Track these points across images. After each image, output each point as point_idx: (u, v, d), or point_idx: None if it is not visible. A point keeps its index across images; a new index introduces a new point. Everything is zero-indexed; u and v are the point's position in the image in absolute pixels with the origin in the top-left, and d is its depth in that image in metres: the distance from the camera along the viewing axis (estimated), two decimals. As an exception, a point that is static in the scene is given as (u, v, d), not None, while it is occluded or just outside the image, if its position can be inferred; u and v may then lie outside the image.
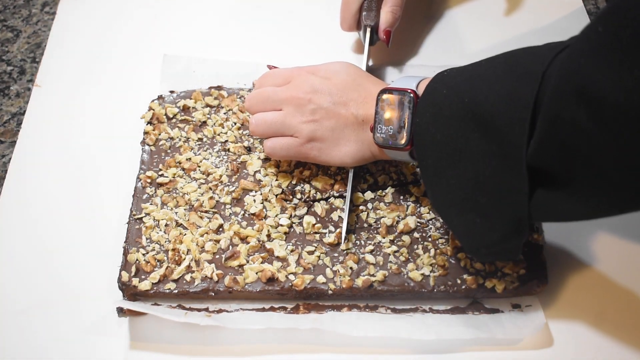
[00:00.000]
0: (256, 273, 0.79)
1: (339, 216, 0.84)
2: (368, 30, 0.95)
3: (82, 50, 1.04)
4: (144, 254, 0.81)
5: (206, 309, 0.79)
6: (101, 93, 0.99)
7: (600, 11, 0.63)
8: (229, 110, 0.93)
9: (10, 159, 0.93)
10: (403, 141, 0.75)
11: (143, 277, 0.79)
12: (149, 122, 0.92)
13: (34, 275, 0.83)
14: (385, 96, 0.76)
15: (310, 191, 0.85)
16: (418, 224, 0.83)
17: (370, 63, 1.02)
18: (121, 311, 0.78)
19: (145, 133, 0.91)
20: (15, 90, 1.01)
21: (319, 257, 0.80)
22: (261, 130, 0.83)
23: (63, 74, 1.01)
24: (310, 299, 0.80)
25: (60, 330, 0.79)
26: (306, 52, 1.03)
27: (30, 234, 0.87)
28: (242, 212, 0.84)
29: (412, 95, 0.74)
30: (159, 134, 0.91)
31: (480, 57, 0.72)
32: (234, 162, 0.88)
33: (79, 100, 0.98)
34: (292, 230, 0.83)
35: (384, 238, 0.82)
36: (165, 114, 0.93)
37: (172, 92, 0.96)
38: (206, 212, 0.84)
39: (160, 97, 0.95)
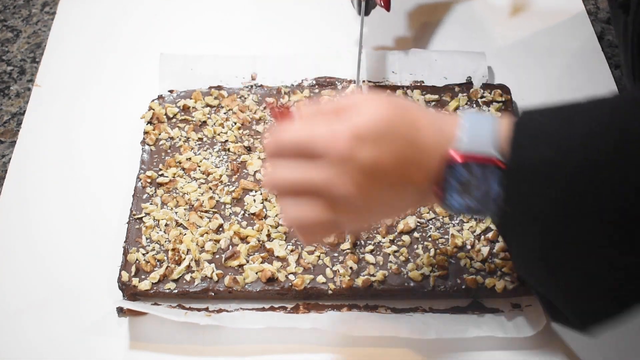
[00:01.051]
0: (256, 273, 0.79)
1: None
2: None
3: (82, 50, 1.04)
4: (144, 254, 0.81)
5: (206, 309, 0.79)
6: (101, 93, 1.00)
7: None
8: (229, 110, 0.93)
9: (10, 159, 0.93)
10: (491, 214, 0.60)
11: (143, 277, 0.79)
12: (149, 122, 0.92)
13: (33, 275, 0.83)
14: (459, 167, 0.58)
15: (310, 191, 0.85)
16: (418, 224, 0.82)
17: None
18: (121, 311, 0.78)
19: (145, 133, 0.91)
20: (15, 90, 1.01)
21: (318, 257, 0.80)
22: (295, 228, 0.63)
23: (63, 74, 1.01)
24: (310, 299, 0.80)
25: (60, 330, 0.79)
26: (302, 42, 1.04)
27: (30, 233, 0.87)
28: (242, 212, 0.84)
29: (498, 167, 0.57)
30: (159, 134, 0.91)
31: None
32: (234, 162, 0.88)
33: (79, 100, 0.99)
34: (292, 230, 0.83)
35: (383, 238, 0.82)
36: (166, 114, 0.93)
37: (171, 91, 0.96)
38: (206, 212, 0.84)
39: (160, 97, 0.95)
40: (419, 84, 0.96)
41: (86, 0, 1.10)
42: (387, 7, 0.94)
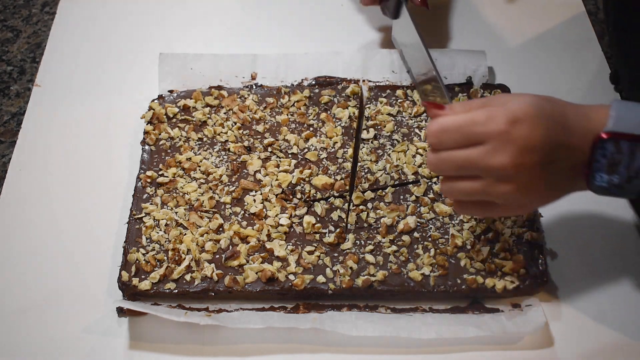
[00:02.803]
0: (256, 273, 0.79)
1: (339, 216, 0.83)
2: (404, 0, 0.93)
3: (82, 50, 1.04)
4: (144, 254, 0.81)
5: (206, 309, 0.79)
6: (101, 93, 1.00)
7: None
8: (229, 110, 0.93)
9: (10, 159, 0.93)
10: (635, 191, 0.66)
11: (143, 276, 0.79)
12: (149, 122, 0.92)
13: (34, 275, 0.83)
14: (610, 144, 0.64)
15: (310, 191, 0.85)
16: (418, 224, 0.82)
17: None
18: (121, 311, 0.78)
19: (146, 133, 0.91)
20: (15, 90, 1.01)
21: (318, 257, 0.80)
22: (454, 198, 0.72)
23: (63, 74, 1.01)
24: (310, 299, 0.80)
25: (61, 330, 0.79)
26: (302, 42, 1.04)
27: (30, 233, 0.87)
28: (242, 212, 0.84)
29: None
30: (159, 134, 0.91)
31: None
32: (234, 162, 0.88)
33: (79, 100, 0.99)
34: (292, 230, 0.83)
35: (384, 238, 0.82)
36: (166, 114, 0.93)
37: (171, 91, 0.96)
38: (206, 211, 0.84)
39: (160, 97, 0.95)
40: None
41: (86, 0, 1.10)
42: (426, 4, 0.93)
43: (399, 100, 0.94)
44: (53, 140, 0.95)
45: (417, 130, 0.91)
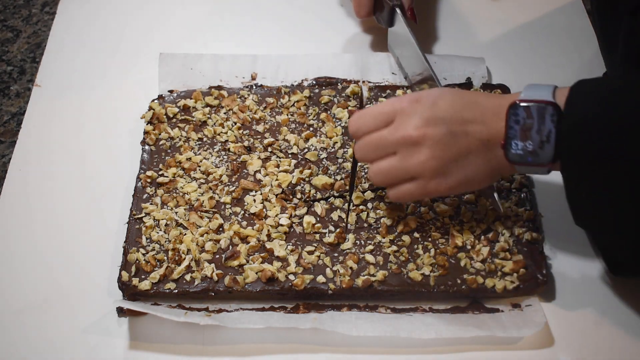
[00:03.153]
0: (256, 273, 0.79)
1: (339, 216, 0.83)
2: (398, 10, 0.94)
3: (82, 50, 1.04)
4: (144, 254, 0.81)
5: (206, 309, 0.79)
6: (101, 93, 1.00)
7: None
8: (229, 110, 0.93)
9: (10, 159, 0.93)
10: (548, 157, 0.71)
11: (143, 276, 0.79)
12: (149, 122, 0.92)
13: (33, 275, 0.83)
14: (520, 109, 0.71)
15: (310, 191, 0.85)
16: (418, 224, 0.82)
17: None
18: (121, 311, 0.78)
19: (146, 133, 0.91)
20: (15, 90, 1.01)
21: (318, 257, 0.80)
22: (380, 180, 0.77)
23: (63, 74, 1.01)
24: (310, 299, 0.79)
25: (60, 330, 0.79)
26: (302, 42, 1.04)
27: (30, 233, 0.87)
28: (242, 212, 0.84)
29: (553, 108, 0.69)
30: (159, 134, 0.91)
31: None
32: (234, 162, 0.88)
33: (79, 100, 0.99)
34: (292, 230, 0.83)
35: (384, 238, 0.82)
36: (166, 114, 0.93)
37: (171, 91, 0.96)
38: (206, 211, 0.84)
39: (160, 97, 0.95)
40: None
41: (86, 0, 1.10)
42: (415, 19, 0.96)
43: (399, 101, 0.94)
44: (53, 140, 0.95)
45: (417, 131, 0.91)
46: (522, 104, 0.71)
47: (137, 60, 1.03)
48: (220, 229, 0.83)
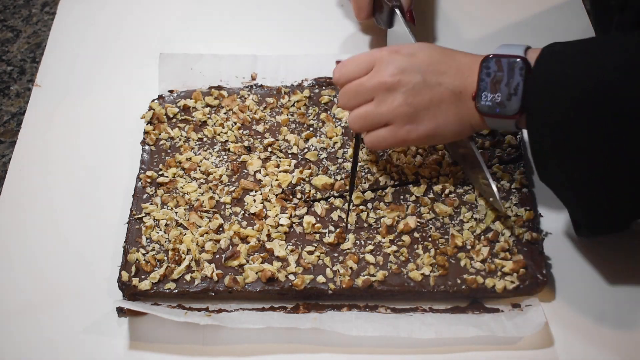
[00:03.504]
0: (256, 273, 0.79)
1: (339, 216, 0.83)
2: (397, 11, 0.94)
3: (82, 50, 1.04)
4: (144, 254, 0.81)
5: (206, 309, 0.79)
6: (101, 93, 1.00)
7: None
8: (229, 110, 0.93)
9: (10, 159, 0.93)
10: (514, 109, 0.73)
11: (143, 276, 0.79)
12: (149, 122, 0.92)
13: (33, 274, 0.83)
14: (492, 62, 0.74)
15: (310, 191, 0.85)
16: (418, 224, 0.82)
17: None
18: (121, 311, 0.78)
19: (146, 133, 0.91)
20: (15, 90, 1.02)
21: (318, 257, 0.80)
22: (359, 126, 0.80)
23: (63, 74, 1.01)
24: (310, 299, 0.79)
25: (60, 330, 0.79)
26: (302, 42, 1.04)
27: (30, 233, 0.87)
28: (242, 212, 0.84)
29: (523, 62, 0.73)
30: (159, 134, 0.91)
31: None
32: (234, 162, 0.88)
33: (79, 100, 0.99)
34: (292, 230, 0.83)
35: (384, 238, 0.82)
36: (166, 114, 0.93)
37: (171, 91, 0.96)
38: (206, 212, 0.84)
39: (160, 97, 0.95)
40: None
41: (86, 0, 1.10)
42: (413, 20, 0.96)
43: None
44: (53, 140, 0.95)
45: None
46: (494, 58, 0.74)
47: (137, 60, 1.03)
48: (220, 229, 0.83)
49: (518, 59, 0.73)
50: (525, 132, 0.87)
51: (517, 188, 0.84)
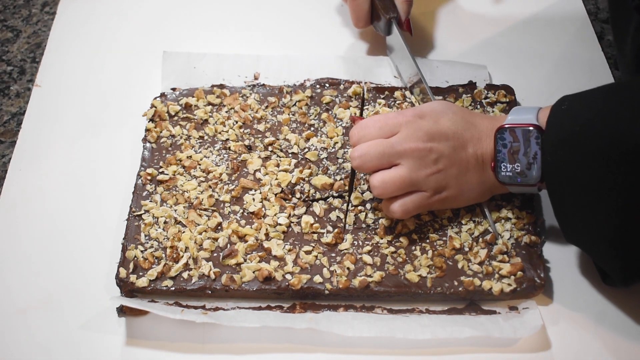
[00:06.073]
0: (253, 272, 0.79)
1: (337, 216, 0.83)
2: (393, 22, 0.95)
3: (82, 50, 1.04)
4: (142, 251, 0.81)
5: (203, 307, 0.79)
6: (101, 92, 1.00)
7: None
8: (231, 108, 0.93)
9: (10, 159, 0.93)
10: (535, 177, 0.75)
11: (141, 273, 0.80)
12: (151, 120, 0.92)
13: (33, 273, 0.84)
14: (506, 133, 0.75)
15: (309, 191, 0.85)
16: (416, 226, 0.82)
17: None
18: (121, 311, 0.78)
19: (147, 130, 0.91)
20: (15, 90, 1.02)
21: (316, 257, 0.80)
22: (388, 190, 0.77)
23: (63, 74, 1.01)
24: (307, 299, 0.79)
25: (58, 328, 0.79)
26: (305, 43, 1.04)
27: (30, 233, 0.87)
28: (241, 211, 0.84)
29: (537, 130, 0.74)
30: (161, 132, 0.91)
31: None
32: (235, 161, 0.88)
33: (79, 100, 0.99)
34: (290, 229, 0.83)
35: (382, 239, 0.81)
36: (167, 112, 0.93)
37: (174, 89, 0.96)
38: (205, 210, 0.84)
39: (162, 95, 0.95)
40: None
41: (86, 0, 1.10)
42: (410, 30, 0.96)
43: (397, 102, 0.94)
44: (53, 140, 0.95)
45: (418, 132, 0.91)
46: (507, 128, 0.75)
47: (138, 58, 1.03)
48: (219, 227, 0.83)
49: (531, 128, 0.74)
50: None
51: (521, 191, 0.84)
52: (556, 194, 0.73)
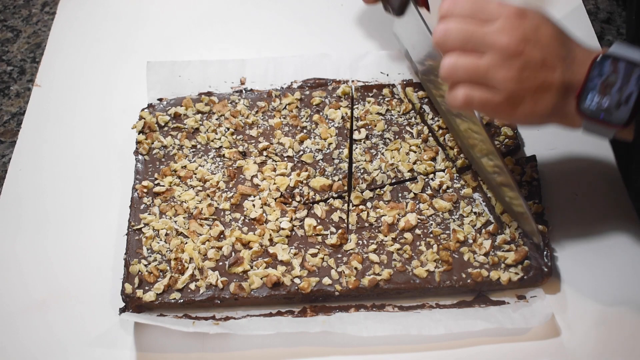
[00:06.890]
0: (261, 278, 0.79)
1: (340, 217, 0.83)
2: None
3: (82, 50, 1.04)
4: (146, 265, 0.80)
5: (213, 317, 0.79)
6: (101, 93, 0.99)
7: None
8: (221, 115, 0.93)
9: (10, 159, 0.93)
10: (621, 118, 0.67)
11: (147, 288, 0.79)
12: (141, 132, 0.91)
13: (33, 276, 0.83)
14: (608, 62, 0.67)
15: (308, 193, 0.85)
16: (419, 221, 0.83)
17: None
18: (123, 311, 0.78)
19: (138, 142, 0.90)
20: (15, 90, 1.01)
21: (322, 259, 0.80)
22: (454, 76, 0.71)
23: (63, 74, 1.01)
24: (317, 302, 0.79)
25: (67, 343, 0.79)
26: (289, 45, 1.04)
27: (30, 234, 0.86)
28: (242, 218, 0.84)
29: None
30: (152, 143, 0.90)
31: None
32: (230, 168, 0.88)
33: (79, 100, 0.98)
34: (293, 233, 0.82)
35: (386, 236, 0.82)
36: (157, 123, 0.92)
37: (161, 99, 0.95)
38: (206, 219, 0.84)
39: (150, 106, 0.94)
40: (410, 82, 0.97)
41: (86, 1, 1.09)
42: (427, 6, 0.93)
43: (386, 99, 0.94)
44: (53, 140, 0.94)
45: (407, 128, 0.91)
46: (611, 57, 0.67)
47: (137, 59, 1.02)
48: (222, 236, 0.82)
49: (638, 68, 0.66)
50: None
51: (527, 181, 0.85)
52: None
